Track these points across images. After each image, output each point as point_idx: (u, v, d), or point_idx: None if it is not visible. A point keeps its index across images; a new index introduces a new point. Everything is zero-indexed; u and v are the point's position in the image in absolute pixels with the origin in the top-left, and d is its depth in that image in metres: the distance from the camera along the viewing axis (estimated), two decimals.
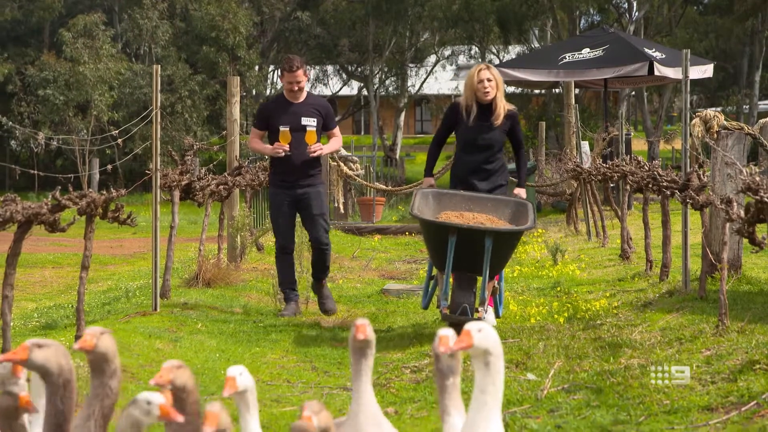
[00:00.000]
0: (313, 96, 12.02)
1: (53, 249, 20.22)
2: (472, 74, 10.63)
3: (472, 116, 10.59)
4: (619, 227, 16.13)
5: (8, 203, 7.78)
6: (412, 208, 10.14)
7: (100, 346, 4.30)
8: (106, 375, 4.31)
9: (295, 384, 8.47)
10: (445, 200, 10.37)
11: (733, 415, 6.68)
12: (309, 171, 11.65)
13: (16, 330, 10.49)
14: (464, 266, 9.92)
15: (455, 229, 9.74)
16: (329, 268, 12.02)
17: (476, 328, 4.59)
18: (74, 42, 44.35)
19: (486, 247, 9.67)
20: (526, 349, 9.42)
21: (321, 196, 11.70)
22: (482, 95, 10.53)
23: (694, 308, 10.33)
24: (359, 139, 60.30)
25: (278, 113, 11.63)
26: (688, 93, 11.46)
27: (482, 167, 10.69)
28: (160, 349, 9.56)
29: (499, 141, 10.71)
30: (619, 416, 7.01)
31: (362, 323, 5.09)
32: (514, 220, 10.24)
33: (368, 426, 4.73)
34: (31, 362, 4.22)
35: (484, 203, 10.35)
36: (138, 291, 13.07)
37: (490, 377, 4.65)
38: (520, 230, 10.15)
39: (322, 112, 11.70)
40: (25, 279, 15.76)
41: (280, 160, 11.61)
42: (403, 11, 53.43)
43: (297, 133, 11.52)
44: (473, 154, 10.67)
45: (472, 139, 10.65)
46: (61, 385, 4.24)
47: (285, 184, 11.64)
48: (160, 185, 11.91)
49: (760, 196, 7.90)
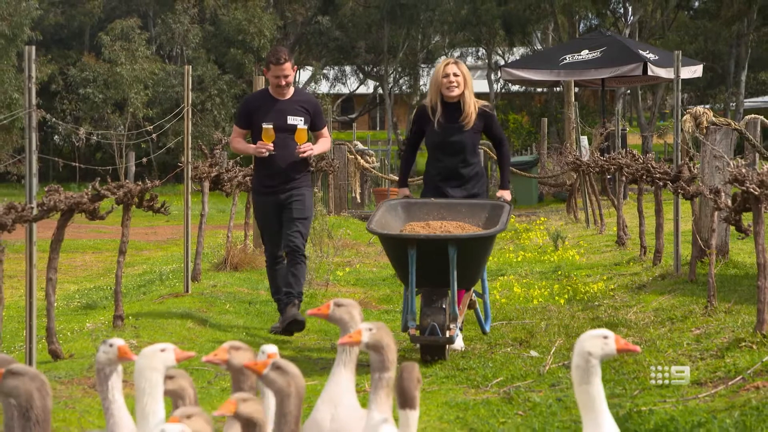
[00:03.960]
0: (301, 92, 10.12)
1: (93, 235, 20.26)
2: (438, 70, 8.90)
3: (438, 116, 8.86)
4: (615, 216, 16.10)
5: (52, 193, 7.80)
6: (370, 222, 8.46)
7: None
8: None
9: (316, 360, 8.49)
10: (415, 210, 8.75)
11: (721, 389, 6.68)
12: (294, 175, 9.63)
13: (60, 310, 10.52)
14: (431, 281, 8.26)
15: (414, 240, 8.13)
16: (302, 289, 9.69)
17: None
18: (112, 45, 44.36)
19: (450, 256, 8.07)
20: (529, 328, 9.42)
21: (305, 200, 9.65)
22: (446, 91, 8.79)
23: (684, 290, 10.32)
24: (375, 134, 60.18)
25: (262, 110, 9.61)
26: (679, 91, 11.45)
27: (456, 173, 8.92)
28: (192, 328, 9.58)
29: (471, 143, 8.93)
30: (615, 390, 7.01)
31: (337, 299, 4.74)
32: (489, 224, 8.57)
33: (321, 407, 4.40)
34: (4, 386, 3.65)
35: (458, 209, 8.71)
36: (171, 274, 13.09)
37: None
38: (485, 235, 8.31)
39: (310, 110, 9.70)
40: (68, 263, 15.79)
41: (263, 162, 9.64)
42: (416, 16, 53.43)
43: (282, 133, 9.52)
44: (444, 159, 8.92)
45: (439, 142, 8.91)
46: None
47: (267, 189, 9.65)
48: (191, 177, 11.93)
49: (746, 186, 7.88)
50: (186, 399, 4.10)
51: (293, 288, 9.47)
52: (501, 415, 6.69)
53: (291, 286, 9.47)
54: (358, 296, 11.86)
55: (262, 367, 3.91)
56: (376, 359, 4.24)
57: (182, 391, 4.11)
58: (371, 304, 11.45)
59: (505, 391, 7.27)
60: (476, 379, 7.65)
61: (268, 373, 3.90)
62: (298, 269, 9.51)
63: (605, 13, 51.81)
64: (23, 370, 3.66)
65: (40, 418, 3.64)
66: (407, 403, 3.94)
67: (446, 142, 8.86)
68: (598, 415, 3.92)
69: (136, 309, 10.29)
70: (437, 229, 8.34)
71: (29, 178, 7.49)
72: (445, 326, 8.13)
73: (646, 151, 26.17)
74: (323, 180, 22.32)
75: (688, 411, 6.17)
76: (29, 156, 7.48)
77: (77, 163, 10.29)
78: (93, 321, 9.83)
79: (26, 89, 7.51)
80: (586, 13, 52.30)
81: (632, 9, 49.67)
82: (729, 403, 6.26)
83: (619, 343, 3.91)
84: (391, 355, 4.21)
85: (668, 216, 12.39)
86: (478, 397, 7.16)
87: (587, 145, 25.58)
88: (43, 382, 3.70)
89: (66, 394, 6.89)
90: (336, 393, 4.46)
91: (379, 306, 11.31)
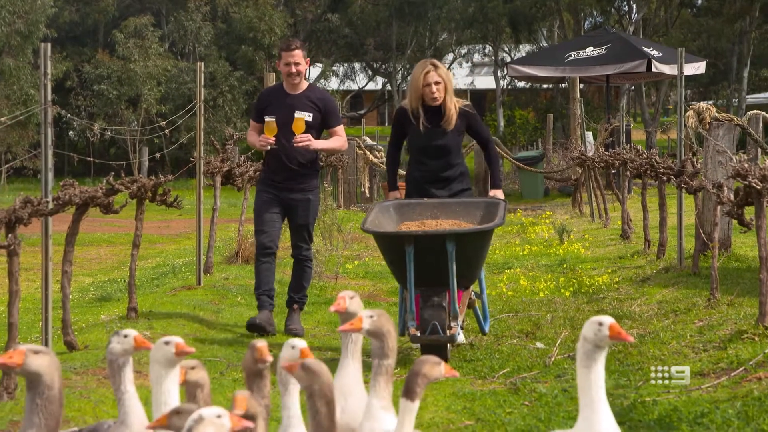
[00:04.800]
0: (315, 88, 9.55)
1: (107, 229, 20.29)
2: (417, 77, 8.48)
3: (420, 121, 8.49)
4: (619, 210, 16.09)
5: (67, 187, 7.81)
6: (364, 222, 8.02)
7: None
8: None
9: (325, 351, 8.49)
10: (407, 210, 8.35)
11: (723, 380, 6.67)
12: (300, 174, 9.23)
13: (75, 302, 10.54)
14: (429, 279, 7.83)
15: (411, 237, 7.70)
16: (306, 292, 9.51)
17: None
18: (126, 42, 44.43)
19: (449, 252, 7.66)
20: (535, 320, 9.42)
21: (310, 205, 9.29)
22: (429, 101, 8.45)
23: (688, 283, 10.30)
24: (383, 129, 60.05)
25: (273, 105, 9.22)
26: (682, 87, 11.43)
27: (440, 176, 8.59)
28: (204, 320, 9.59)
29: (454, 146, 8.58)
30: (620, 381, 7.01)
31: (343, 295, 4.61)
32: (485, 221, 8.18)
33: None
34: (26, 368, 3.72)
35: (452, 208, 8.32)
36: (183, 267, 13.10)
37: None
38: (484, 229, 7.95)
39: (321, 107, 9.19)
40: (83, 256, 15.81)
41: (271, 157, 9.27)
42: (424, 13, 53.53)
43: (288, 128, 9.08)
44: (428, 162, 8.56)
45: (423, 146, 8.54)
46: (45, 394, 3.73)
47: (273, 183, 9.27)
48: (204, 171, 11.93)
49: (749, 181, 7.87)
50: (205, 388, 4.09)
51: (296, 294, 9.35)
52: (507, 405, 6.69)
53: (295, 292, 9.35)
54: (367, 288, 11.86)
55: (294, 366, 3.93)
56: (377, 346, 4.21)
57: (202, 382, 4.10)
58: (380, 296, 11.46)
59: (512, 382, 7.27)
60: (483, 370, 7.65)
61: (298, 373, 3.94)
62: (305, 276, 9.39)
63: (610, 11, 51.79)
64: (46, 350, 3.73)
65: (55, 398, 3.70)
66: (406, 394, 3.94)
67: (429, 146, 8.52)
68: (594, 402, 3.92)
69: (149, 301, 10.31)
70: (433, 227, 7.97)
71: (45, 173, 7.50)
72: (446, 324, 7.76)
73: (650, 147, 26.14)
74: (333, 175, 22.32)
75: (691, 401, 6.17)
76: (45, 151, 7.49)
77: (92, 158, 10.30)
78: (107, 313, 9.84)
79: (42, 86, 7.51)
80: (591, 10, 52.27)
81: (636, 6, 49.71)
82: (731, 394, 6.25)
83: (613, 331, 3.88)
84: (391, 342, 4.19)
85: (672, 210, 12.37)
86: (485, 388, 7.16)
87: (592, 140, 25.61)
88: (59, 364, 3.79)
89: (81, 384, 6.90)
90: (345, 385, 4.43)
91: (388, 298, 11.31)
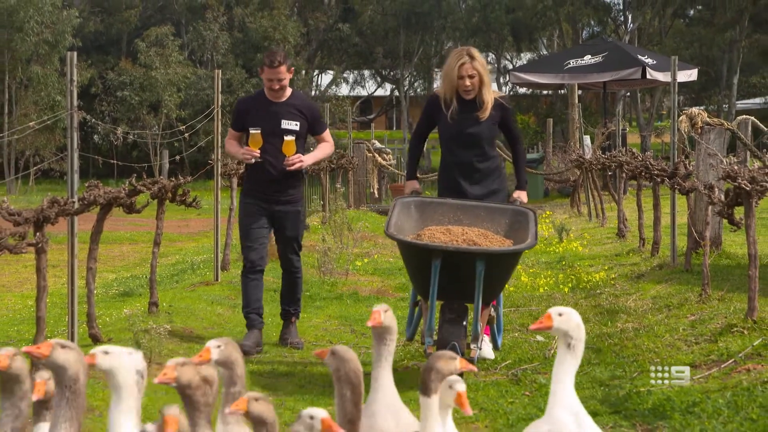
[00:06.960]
0: (298, 95, 8.64)
1: (130, 228, 20.31)
2: (453, 67, 7.59)
3: (453, 108, 7.63)
4: (616, 210, 16.07)
5: (92, 188, 7.82)
6: (388, 226, 7.20)
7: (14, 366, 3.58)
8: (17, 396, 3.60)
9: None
10: (429, 210, 7.50)
11: (714, 371, 6.66)
12: (286, 186, 8.41)
13: (99, 297, 10.55)
14: (452, 294, 7.08)
15: (440, 251, 6.87)
16: (300, 303, 8.88)
17: (557, 312, 4.13)
18: (147, 50, 44.45)
19: (477, 271, 6.87)
20: (535, 315, 9.42)
21: (297, 217, 8.62)
22: (463, 94, 7.62)
23: (680, 279, 10.29)
24: (391, 133, 60.10)
25: (254, 113, 8.34)
26: (676, 94, 11.43)
27: (473, 167, 7.69)
28: (221, 314, 9.61)
29: (488, 135, 7.71)
30: (616, 372, 7.01)
31: (378, 309, 4.40)
32: (511, 232, 7.35)
33: (385, 415, 4.19)
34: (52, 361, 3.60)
35: (477, 212, 7.47)
36: (202, 264, 13.11)
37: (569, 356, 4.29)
38: (519, 250, 7.17)
39: (307, 115, 8.39)
40: (106, 253, 15.84)
41: (253, 169, 8.39)
42: (430, 23, 53.55)
43: (275, 138, 8.27)
44: (459, 153, 7.68)
45: (455, 134, 7.66)
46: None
47: (258, 194, 8.46)
48: (221, 173, 11.95)
49: (738, 182, 7.86)
50: (237, 369, 3.94)
51: (290, 306, 8.74)
52: (509, 395, 6.70)
53: (289, 304, 8.74)
54: (376, 285, 11.86)
55: (324, 353, 3.97)
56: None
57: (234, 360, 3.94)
58: (388, 292, 11.45)
59: (513, 373, 7.27)
60: (486, 362, 7.64)
61: (328, 358, 3.96)
62: (297, 287, 8.78)
63: (606, 21, 51.80)
64: (72, 346, 3.65)
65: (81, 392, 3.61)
66: (422, 390, 3.94)
67: (462, 134, 7.65)
68: (558, 386, 4.21)
69: (169, 296, 10.32)
70: (459, 236, 7.13)
71: (71, 175, 7.52)
72: (465, 346, 7.03)
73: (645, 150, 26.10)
74: (343, 176, 22.33)
75: (683, 392, 6.17)
76: (71, 154, 7.51)
77: (115, 161, 10.33)
78: (130, 307, 9.86)
79: (68, 92, 7.53)
80: (589, 20, 52.31)
81: (632, 17, 49.78)
82: (722, 385, 6.24)
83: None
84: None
85: (665, 210, 12.37)
86: (487, 379, 7.16)
87: (590, 143, 25.57)
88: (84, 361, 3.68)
89: None
90: (392, 401, 4.26)
91: (396, 294, 11.30)
